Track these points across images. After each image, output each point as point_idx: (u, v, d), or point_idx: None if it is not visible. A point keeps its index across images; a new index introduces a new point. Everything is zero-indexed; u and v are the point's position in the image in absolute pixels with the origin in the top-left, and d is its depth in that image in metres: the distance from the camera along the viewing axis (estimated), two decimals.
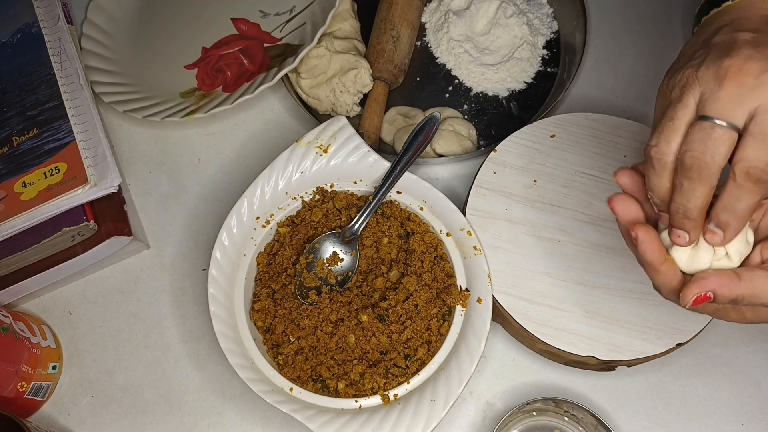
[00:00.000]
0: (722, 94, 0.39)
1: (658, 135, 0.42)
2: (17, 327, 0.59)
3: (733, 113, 0.39)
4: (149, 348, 0.64)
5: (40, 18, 0.71)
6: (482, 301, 0.57)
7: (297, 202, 0.63)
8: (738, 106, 0.39)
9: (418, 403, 0.54)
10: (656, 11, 0.77)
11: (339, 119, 0.64)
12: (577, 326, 0.57)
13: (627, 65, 0.74)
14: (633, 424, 0.59)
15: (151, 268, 0.67)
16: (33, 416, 0.62)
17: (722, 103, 0.39)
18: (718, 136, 0.39)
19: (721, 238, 0.42)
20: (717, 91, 0.40)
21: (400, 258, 0.60)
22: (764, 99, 0.39)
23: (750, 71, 0.39)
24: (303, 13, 0.73)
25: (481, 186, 0.63)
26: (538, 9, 0.77)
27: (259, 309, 0.59)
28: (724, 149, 0.39)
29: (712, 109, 0.40)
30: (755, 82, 0.39)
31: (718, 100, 0.40)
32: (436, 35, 0.76)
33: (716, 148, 0.39)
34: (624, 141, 0.64)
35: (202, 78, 0.73)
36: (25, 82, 0.68)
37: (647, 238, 0.43)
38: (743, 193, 0.40)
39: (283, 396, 0.55)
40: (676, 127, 0.41)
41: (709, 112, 0.40)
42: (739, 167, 0.39)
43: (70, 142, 0.64)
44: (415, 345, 0.57)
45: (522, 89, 0.73)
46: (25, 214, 0.60)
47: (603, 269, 0.59)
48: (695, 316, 0.57)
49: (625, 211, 0.45)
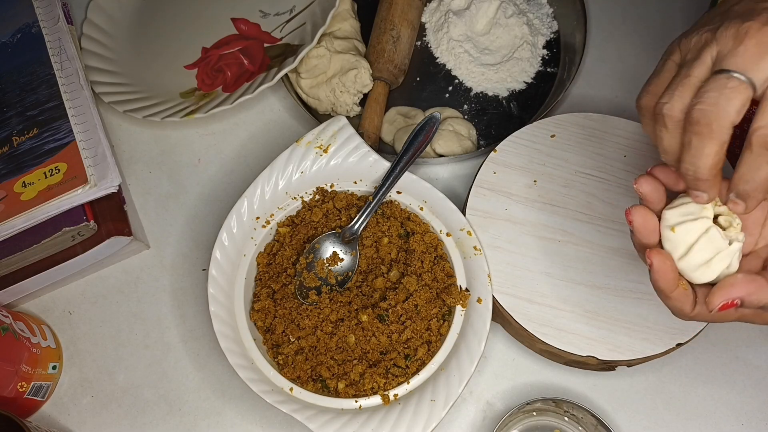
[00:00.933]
0: (741, 49, 0.38)
1: (672, 91, 0.40)
2: (17, 327, 0.59)
3: (753, 69, 0.38)
4: (149, 348, 0.64)
5: (40, 18, 0.71)
6: (482, 301, 0.57)
7: (297, 202, 0.63)
8: (758, 62, 0.37)
9: (418, 403, 0.54)
10: (656, 11, 0.77)
11: (339, 119, 0.64)
12: (577, 326, 0.57)
13: (627, 65, 0.74)
14: (633, 424, 0.59)
15: (151, 268, 0.67)
16: (33, 416, 0.62)
17: (741, 58, 0.38)
18: (734, 87, 0.38)
19: (744, 207, 0.40)
20: (736, 47, 0.38)
21: (400, 258, 0.60)
22: None
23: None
24: (303, 13, 0.73)
25: (481, 186, 0.63)
26: (538, 9, 0.77)
27: (259, 309, 0.59)
28: (737, 102, 0.38)
29: (730, 63, 0.38)
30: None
31: (737, 55, 0.38)
32: (436, 35, 0.76)
33: (729, 101, 0.38)
34: (624, 141, 0.64)
35: (202, 78, 0.73)
36: (25, 82, 0.68)
37: (662, 267, 0.42)
38: (762, 162, 0.38)
39: (283, 396, 0.55)
40: (692, 84, 0.39)
41: (727, 65, 0.38)
42: (757, 134, 0.38)
43: (70, 142, 0.64)
44: (415, 345, 0.57)
45: (522, 89, 0.73)
46: (25, 214, 0.60)
47: (603, 269, 0.59)
48: None
49: (643, 225, 0.43)
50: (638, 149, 0.63)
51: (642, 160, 0.63)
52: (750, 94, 0.38)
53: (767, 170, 0.38)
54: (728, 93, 0.38)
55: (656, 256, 0.42)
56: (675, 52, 0.43)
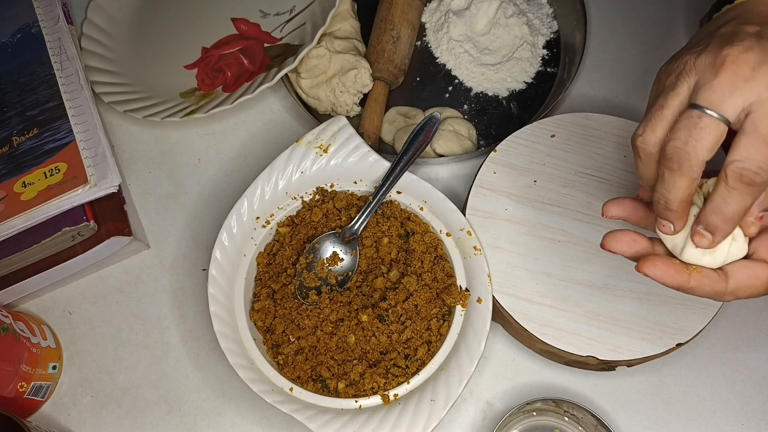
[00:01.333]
0: (715, 83, 0.38)
1: (645, 124, 0.41)
2: (17, 327, 0.59)
3: (724, 104, 0.38)
4: (149, 348, 0.64)
5: (40, 18, 0.71)
6: (482, 301, 0.57)
7: (297, 202, 0.63)
8: (730, 97, 0.37)
9: (418, 403, 0.54)
10: (656, 11, 0.77)
11: (339, 119, 0.64)
12: (577, 326, 0.57)
13: (627, 65, 0.74)
14: (633, 424, 0.59)
15: (151, 268, 0.67)
16: (33, 416, 0.62)
17: (714, 92, 0.38)
18: (705, 126, 0.38)
19: (710, 241, 0.40)
20: (711, 80, 0.38)
21: (400, 258, 0.60)
22: (759, 93, 0.37)
23: (747, 62, 0.37)
24: (303, 13, 0.73)
25: (481, 186, 0.63)
26: (538, 9, 0.77)
27: (259, 309, 0.59)
28: (709, 141, 0.38)
29: (703, 99, 0.38)
30: (751, 74, 0.37)
31: (710, 90, 0.38)
32: (436, 35, 0.76)
33: (701, 139, 0.38)
34: (624, 141, 0.64)
35: (202, 78, 0.73)
36: (25, 82, 0.68)
37: (658, 272, 0.42)
38: (733, 195, 0.38)
39: (283, 396, 0.55)
40: (664, 116, 0.40)
41: (700, 101, 0.38)
42: (731, 168, 0.38)
43: (70, 142, 0.64)
44: (415, 345, 0.57)
45: (522, 89, 0.73)
46: (25, 214, 0.60)
47: (603, 269, 0.59)
48: (695, 316, 0.57)
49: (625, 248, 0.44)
50: None
51: None
52: (723, 129, 0.38)
53: (738, 204, 0.39)
54: (698, 133, 0.38)
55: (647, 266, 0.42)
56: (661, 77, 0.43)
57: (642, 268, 0.42)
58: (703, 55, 0.39)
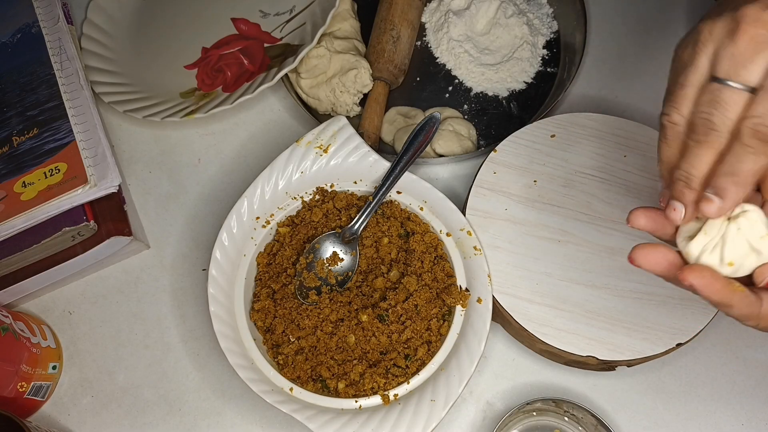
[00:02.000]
0: (734, 50, 0.36)
1: (669, 103, 0.39)
2: (17, 327, 0.59)
3: (745, 72, 0.36)
4: (149, 348, 0.64)
5: (40, 18, 0.71)
6: (482, 301, 0.57)
7: (297, 202, 0.63)
8: (750, 63, 0.35)
9: (418, 403, 0.54)
10: (656, 11, 0.77)
11: (339, 119, 0.64)
12: (577, 326, 0.57)
13: (627, 65, 0.74)
14: (633, 424, 0.59)
15: (151, 268, 0.67)
16: (33, 416, 0.62)
17: (734, 61, 0.36)
18: (727, 99, 0.36)
19: (717, 206, 0.37)
20: (729, 48, 0.36)
21: (400, 258, 0.60)
22: None
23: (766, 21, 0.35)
24: (303, 13, 0.73)
25: (481, 186, 0.63)
26: (538, 9, 0.77)
27: (259, 309, 0.59)
28: (734, 113, 0.36)
29: (722, 70, 0.36)
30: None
31: (729, 58, 0.36)
32: (436, 35, 0.76)
33: (725, 113, 0.36)
34: (624, 141, 0.64)
35: (202, 78, 0.73)
36: (25, 82, 0.68)
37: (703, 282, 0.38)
38: (748, 154, 0.36)
39: (283, 396, 0.55)
40: (687, 94, 0.38)
41: (720, 73, 0.36)
42: (746, 124, 0.35)
43: (70, 142, 0.64)
44: (415, 345, 0.57)
45: (522, 89, 0.73)
46: (25, 214, 0.60)
47: (603, 269, 0.59)
48: (695, 316, 0.57)
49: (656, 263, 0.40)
50: (638, 149, 0.63)
51: (642, 160, 0.63)
52: (746, 97, 0.36)
53: (752, 164, 0.36)
54: (723, 107, 0.36)
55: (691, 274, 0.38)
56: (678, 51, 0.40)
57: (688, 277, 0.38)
58: (719, 21, 0.37)
